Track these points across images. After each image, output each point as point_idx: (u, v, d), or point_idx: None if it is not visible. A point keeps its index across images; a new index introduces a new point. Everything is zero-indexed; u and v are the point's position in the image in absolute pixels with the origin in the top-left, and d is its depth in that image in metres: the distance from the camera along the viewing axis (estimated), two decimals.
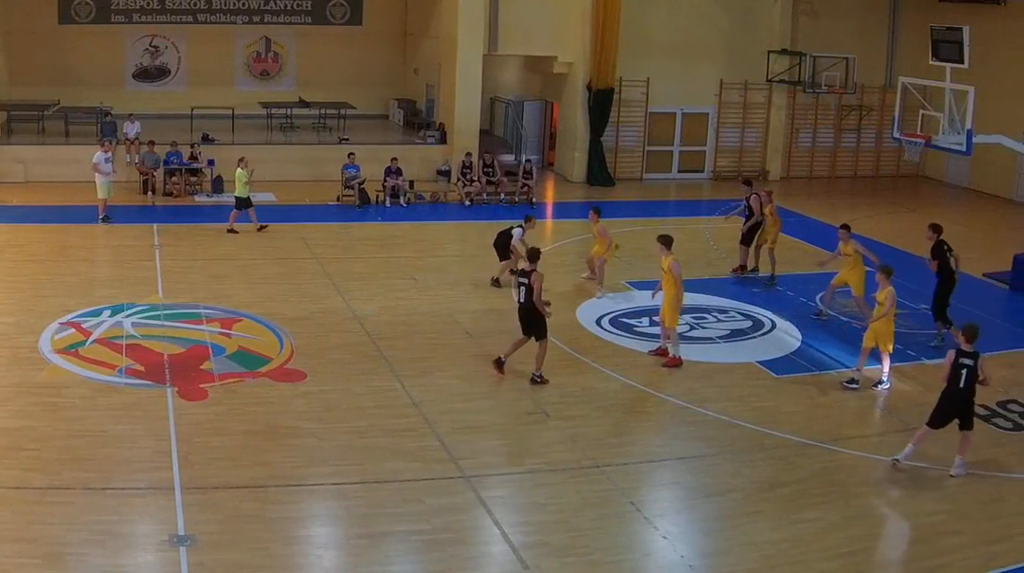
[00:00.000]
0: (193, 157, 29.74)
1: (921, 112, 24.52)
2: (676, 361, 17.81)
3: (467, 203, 29.99)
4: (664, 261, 17.84)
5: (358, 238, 26.32)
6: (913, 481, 14.07)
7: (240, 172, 25.26)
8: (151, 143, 29.44)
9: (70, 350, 17.23)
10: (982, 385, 13.93)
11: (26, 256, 22.77)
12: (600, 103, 33.25)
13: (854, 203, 32.51)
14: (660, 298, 18.13)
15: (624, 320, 20.14)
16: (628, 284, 22.28)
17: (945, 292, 18.99)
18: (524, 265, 17.22)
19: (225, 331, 18.50)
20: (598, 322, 19.97)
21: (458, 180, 30.69)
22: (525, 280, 16.60)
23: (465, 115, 32.47)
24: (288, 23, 37.61)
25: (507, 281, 21.36)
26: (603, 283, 21.69)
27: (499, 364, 17.08)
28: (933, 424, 14.07)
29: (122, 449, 13.80)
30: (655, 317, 19.14)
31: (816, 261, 22.48)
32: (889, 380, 17.11)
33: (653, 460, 14.60)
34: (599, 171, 33.84)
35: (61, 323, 18.43)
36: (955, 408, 13.92)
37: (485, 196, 30.50)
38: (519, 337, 16.97)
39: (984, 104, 23.22)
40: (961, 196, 34.81)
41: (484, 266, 22.74)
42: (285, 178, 30.41)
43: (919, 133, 24.09)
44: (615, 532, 12.47)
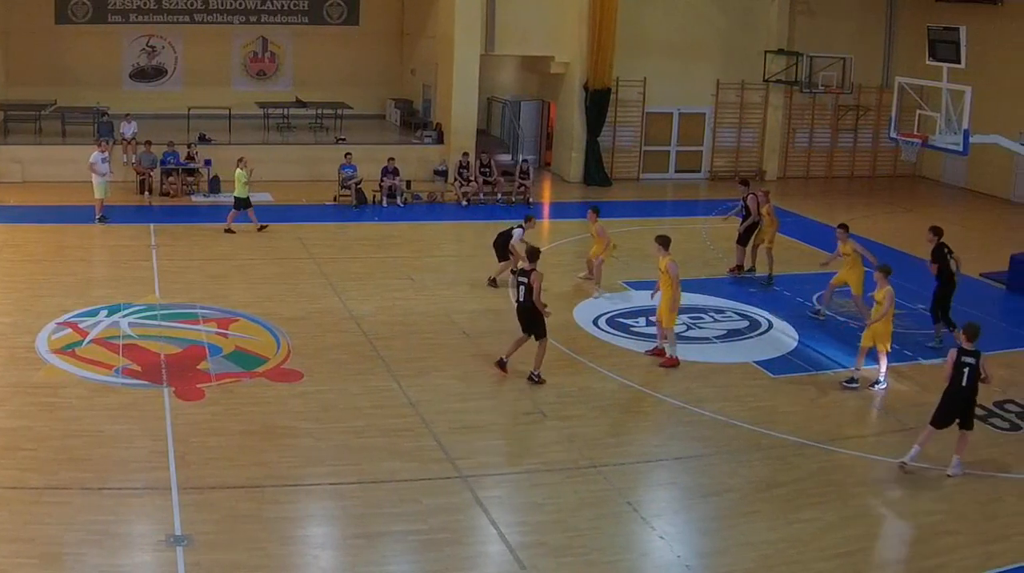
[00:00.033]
0: (190, 157, 29.70)
1: (918, 112, 24.52)
2: (673, 361, 17.81)
3: (464, 203, 29.98)
4: (661, 261, 17.84)
5: (355, 238, 26.31)
6: (910, 481, 14.06)
7: (240, 172, 25.23)
8: (148, 143, 29.42)
9: (67, 350, 17.21)
10: (984, 383, 13.95)
11: (23, 256, 22.74)
12: (597, 103, 33.24)
13: (851, 203, 32.52)
14: (659, 298, 18.14)
15: (621, 320, 20.14)
16: (625, 284, 22.28)
17: (945, 295, 18.95)
18: (524, 265, 17.22)
19: (222, 331, 18.49)
20: (595, 322, 19.97)
21: (455, 180, 30.67)
22: (525, 279, 16.60)
23: (462, 115, 32.46)
24: (285, 23, 37.58)
25: (504, 281, 21.37)
26: (600, 283, 21.70)
27: (501, 365, 17.08)
28: (936, 424, 14.06)
29: (119, 449, 13.79)
30: (652, 317, 19.13)
31: (813, 262, 22.53)
32: (886, 380, 17.12)
33: (650, 460, 14.60)
34: (596, 171, 33.84)
35: (58, 323, 18.41)
36: (958, 407, 13.91)
37: (482, 196, 30.48)
38: (519, 336, 16.98)
39: (981, 104, 23.20)
40: (958, 196, 34.84)
41: (481, 266, 22.73)
42: (282, 178, 30.38)
43: (916, 133, 24.06)
44: (612, 532, 12.46)
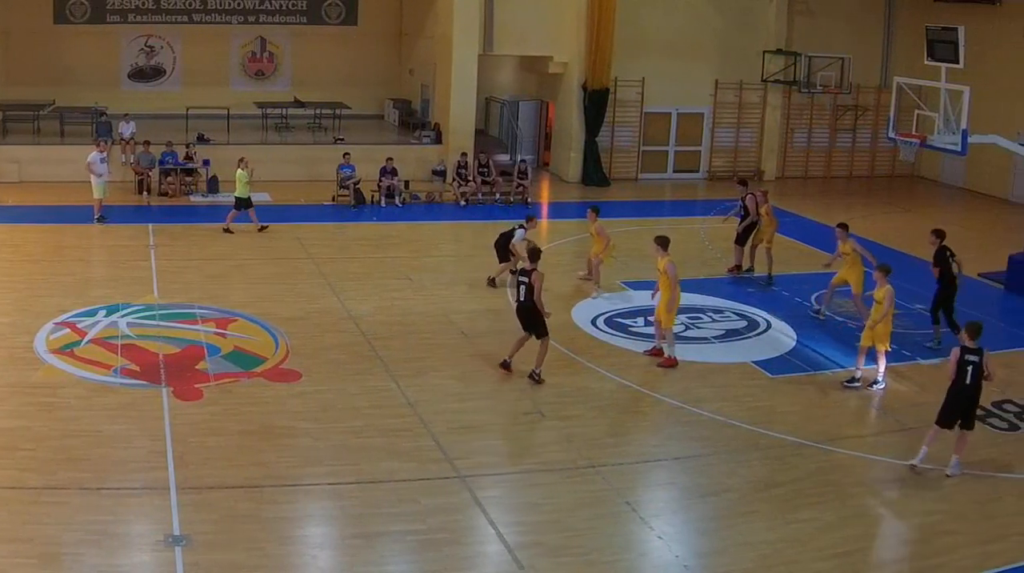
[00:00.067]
0: (188, 157, 29.70)
1: (916, 112, 24.51)
2: (671, 361, 17.80)
3: (462, 203, 29.97)
4: (660, 262, 17.83)
5: (353, 238, 26.31)
6: (909, 481, 14.07)
7: (241, 172, 25.21)
8: (146, 143, 29.42)
9: (65, 350, 17.20)
10: (987, 381, 13.97)
11: (21, 256, 22.73)
12: (595, 103, 33.23)
13: (849, 203, 32.51)
14: (659, 298, 18.12)
15: (619, 320, 20.14)
16: (624, 284, 22.28)
17: (947, 298, 18.87)
18: (525, 265, 17.21)
19: (220, 331, 18.48)
20: (593, 322, 19.97)
21: (453, 180, 30.66)
22: (526, 279, 16.60)
23: (460, 115, 32.44)
24: (283, 23, 37.56)
25: (503, 281, 21.38)
26: (600, 283, 21.68)
27: (505, 366, 17.09)
28: (942, 423, 14.05)
29: (117, 449, 13.79)
30: (650, 317, 19.13)
31: (811, 262, 22.52)
32: (885, 380, 17.12)
33: (649, 460, 14.60)
34: (594, 171, 33.83)
35: (56, 323, 18.40)
36: (963, 405, 13.92)
37: (480, 196, 30.48)
38: (520, 336, 16.99)
39: (979, 104, 23.20)
40: (956, 196, 34.84)
41: (480, 266, 22.73)
42: (280, 178, 30.34)
43: (914, 133, 24.06)
44: (610, 532, 12.46)
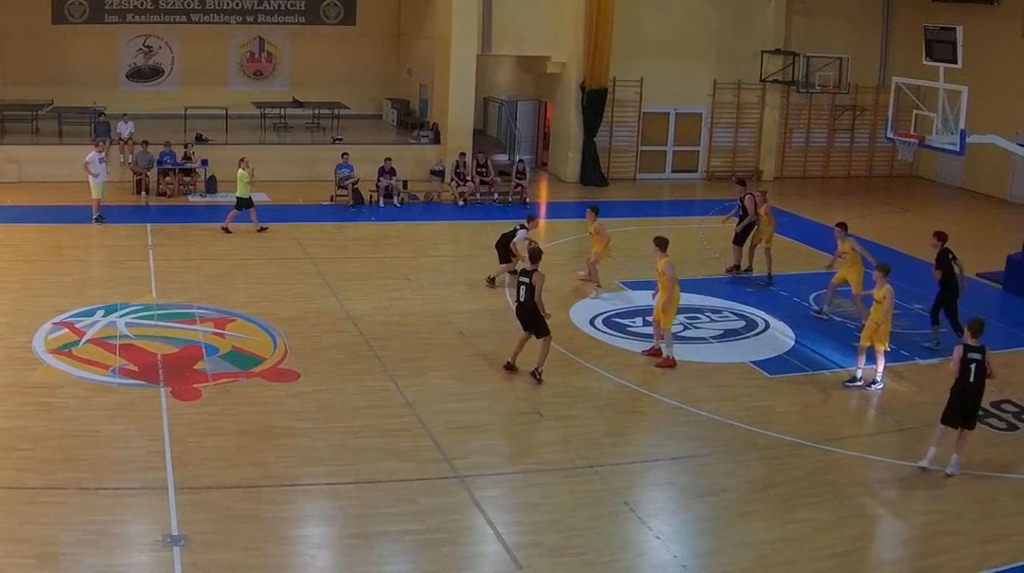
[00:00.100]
0: (187, 157, 29.69)
1: (915, 112, 24.51)
2: (670, 362, 17.80)
3: (461, 203, 29.97)
4: (659, 263, 17.83)
5: (352, 238, 26.30)
6: (907, 481, 14.09)
7: (242, 172, 25.17)
8: (145, 143, 29.41)
9: (64, 350, 17.19)
10: (989, 379, 13.97)
11: (19, 256, 22.71)
12: (593, 103, 33.25)
13: (848, 203, 32.52)
14: (659, 299, 18.10)
15: (617, 320, 20.15)
16: (622, 284, 22.28)
17: (950, 301, 18.80)
18: (525, 265, 17.20)
19: (219, 331, 18.48)
20: (591, 322, 19.97)
21: (452, 180, 30.67)
22: (527, 279, 16.60)
23: (459, 115, 32.45)
24: (282, 23, 37.57)
25: (503, 281, 21.38)
26: (600, 284, 21.64)
27: (509, 367, 17.10)
28: (948, 422, 14.05)
29: (116, 449, 13.78)
30: (648, 317, 19.13)
31: (810, 262, 22.50)
32: (883, 380, 17.12)
33: (647, 460, 14.60)
34: (592, 171, 33.84)
35: (55, 323, 18.38)
36: (968, 403, 13.92)
37: (479, 196, 30.48)
38: (520, 336, 17.00)
39: (977, 104, 23.22)
40: (954, 196, 34.87)
41: (478, 266, 22.73)
42: (279, 178, 30.33)
43: (913, 133, 24.06)
44: (609, 532, 12.46)
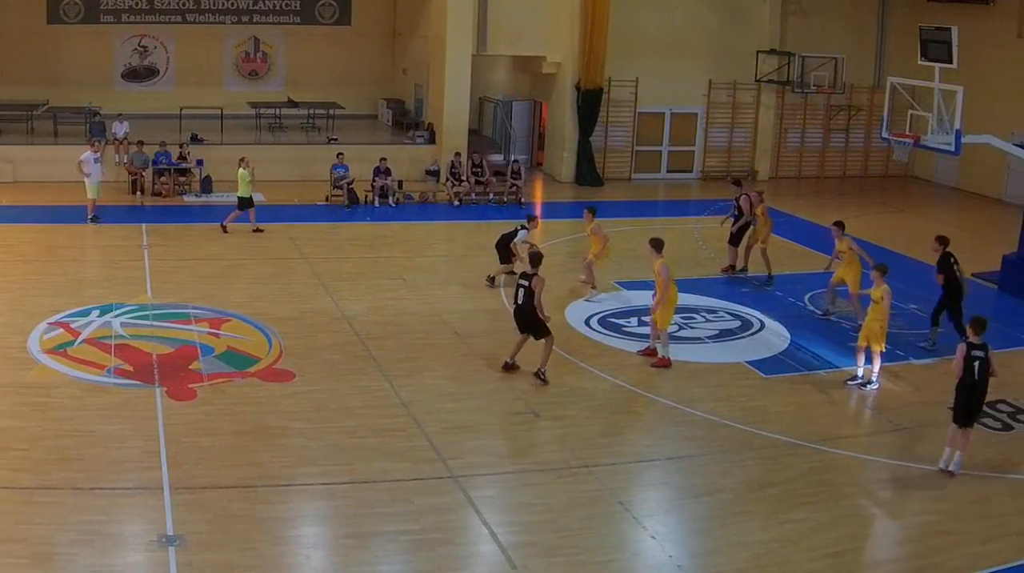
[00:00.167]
0: (182, 157, 29.66)
1: (910, 112, 24.51)
2: (665, 362, 17.81)
3: (456, 203, 29.96)
4: (655, 264, 17.83)
5: (347, 238, 26.28)
6: (903, 481, 14.12)
7: (242, 172, 25.12)
8: (140, 143, 29.38)
9: (59, 350, 17.17)
10: (992, 377, 13.99)
11: (15, 256, 22.67)
12: (589, 103, 33.26)
13: (843, 203, 32.48)
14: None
15: (613, 320, 20.15)
16: (617, 284, 22.28)
17: (954, 303, 18.76)
18: (525, 267, 17.19)
19: (214, 331, 18.46)
20: (587, 322, 19.97)
21: (447, 180, 30.66)
22: (526, 283, 16.60)
23: (454, 115, 32.47)
24: (277, 23, 37.57)
25: (502, 281, 21.36)
26: (596, 286, 21.55)
27: (507, 367, 17.10)
28: (959, 421, 14.06)
29: (111, 449, 13.77)
30: (644, 317, 19.11)
31: (805, 262, 22.49)
32: (878, 380, 17.13)
33: (642, 460, 14.60)
34: (588, 171, 33.84)
35: (50, 323, 18.36)
36: (972, 401, 13.93)
37: (474, 196, 30.47)
38: (519, 337, 17.00)
39: (973, 104, 23.25)
40: (949, 196, 34.91)
41: (473, 266, 22.73)
42: (274, 178, 30.26)
43: (908, 133, 24.07)
44: (604, 532, 12.46)
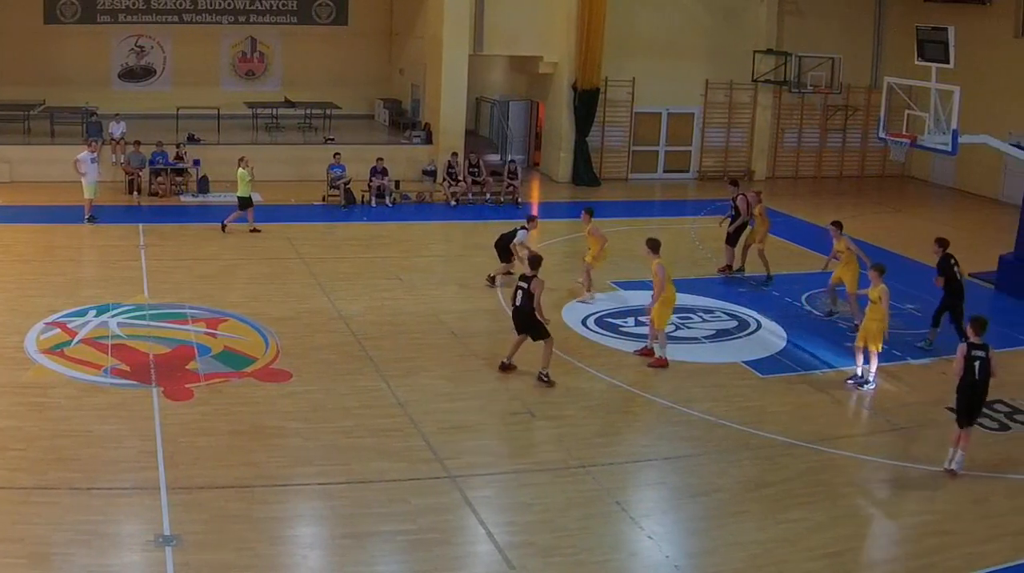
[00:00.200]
0: (179, 157, 29.65)
1: (907, 112, 24.57)
2: (662, 362, 17.81)
3: (453, 203, 29.96)
4: (652, 264, 17.82)
5: (344, 238, 26.27)
6: (900, 481, 14.13)
7: (242, 172, 25.09)
8: (137, 143, 29.35)
9: (56, 350, 17.16)
10: (992, 377, 13.98)
11: (12, 256, 22.65)
12: (585, 103, 33.26)
13: (840, 203, 32.51)
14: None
15: (609, 320, 20.15)
16: (614, 284, 22.28)
17: (955, 305, 18.70)
18: (524, 269, 17.19)
19: (211, 331, 18.46)
20: (583, 322, 19.97)
21: (444, 180, 30.65)
22: (525, 285, 16.60)
23: (451, 115, 32.45)
24: (274, 23, 37.56)
25: (502, 281, 21.35)
26: (591, 288, 21.48)
27: (504, 367, 17.10)
28: (962, 422, 14.06)
29: (108, 449, 13.75)
30: (640, 317, 19.11)
31: (802, 262, 22.49)
32: (875, 380, 17.15)
33: (639, 460, 14.60)
34: (585, 171, 33.85)
35: (47, 323, 18.34)
36: (973, 400, 13.93)
37: (471, 196, 30.47)
38: (516, 338, 17.00)
39: (969, 104, 23.24)
40: (946, 196, 34.94)
41: (470, 266, 22.73)
42: (271, 178, 30.19)
43: (905, 133, 24.12)
44: (601, 532, 12.46)
